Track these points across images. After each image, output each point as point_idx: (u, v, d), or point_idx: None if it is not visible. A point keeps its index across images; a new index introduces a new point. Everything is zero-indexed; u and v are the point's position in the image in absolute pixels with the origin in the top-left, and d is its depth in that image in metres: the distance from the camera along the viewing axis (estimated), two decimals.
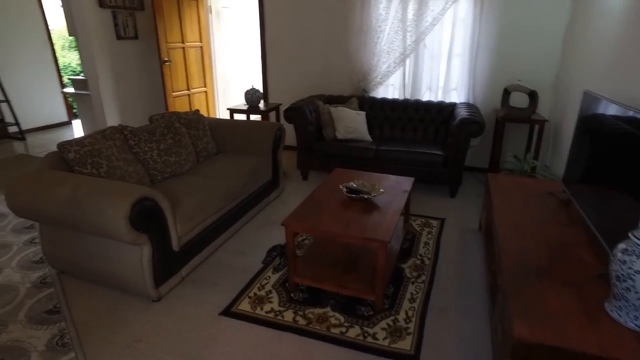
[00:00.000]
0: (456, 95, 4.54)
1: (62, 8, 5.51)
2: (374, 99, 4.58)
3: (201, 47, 5.21)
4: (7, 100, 5.82)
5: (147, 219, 2.12)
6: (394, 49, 4.45)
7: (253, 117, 4.83)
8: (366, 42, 4.48)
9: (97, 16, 4.21)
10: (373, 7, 4.37)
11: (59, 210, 2.12)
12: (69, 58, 8.81)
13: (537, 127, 3.94)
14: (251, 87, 4.39)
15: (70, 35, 5.81)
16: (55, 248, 2.45)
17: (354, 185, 2.71)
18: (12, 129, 5.99)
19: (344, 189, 2.65)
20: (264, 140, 3.56)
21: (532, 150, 4.00)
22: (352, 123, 4.23)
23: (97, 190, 2.09)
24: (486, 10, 4.02)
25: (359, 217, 2.38)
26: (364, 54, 4.53)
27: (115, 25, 4.40)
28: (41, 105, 6.52)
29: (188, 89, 5.10)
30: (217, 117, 5.76)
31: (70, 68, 8.75)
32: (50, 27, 6.54)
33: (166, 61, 4.69)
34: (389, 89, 4.78)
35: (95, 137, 2.58)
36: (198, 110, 3.59)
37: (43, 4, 6.37)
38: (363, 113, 4.36)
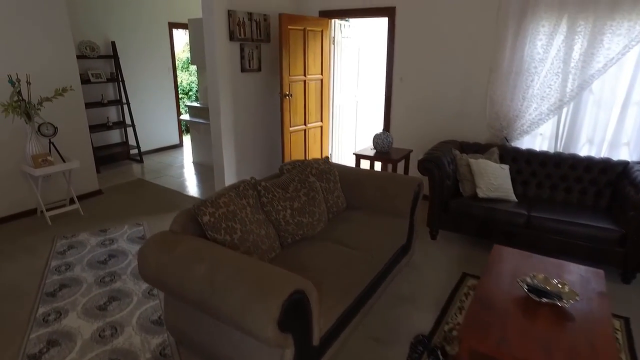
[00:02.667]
0: (627, 151, 3.70)
1: (187, 37, 5.64)
2: (518, 151, 3.91)
3: (321, 79, 4.94)
4: (132, 125, 6.06)
5: (294, 316, 1.72)
6: (550, 94, 3.76)
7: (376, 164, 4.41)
8: (516, 85, 3.85)
9: (227, 49, 4.11)
10: (529, 45, 3.74)
11: (194, 293, 1.81)
12: (180, 77, 9.29)
13: None
14: (382, 131, 3.97)
15: (192, 64, 5.94)
16: (178, 320, 2.17)
17: (535, 282, 2.11)
18: (133, 151, 6.22)
19: (524, 286, 2.07)
20: (402, 198, 3.09)
21: None
22: (496, 179, 3.61)
23: (239, 277, 1.75)
24: None
25: (556, 338, 1.78)
26: (512, 98, 3.90)
27: (242, 58, 4.28)
28: (158, 129, 6.76)
29: (305, 124, 4.84)
30: (330, 152, 5.45)
31: (180, 87, 9.20)
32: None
33: (287, 95, 4.47)
34: (537, 139, 4.07)
35: (230, 196, 2.29)
36: (328, 158, 3.23)
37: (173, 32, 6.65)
38: (507, 167, 3.72)
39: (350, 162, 5.94)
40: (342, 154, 5.78)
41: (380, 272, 2.70)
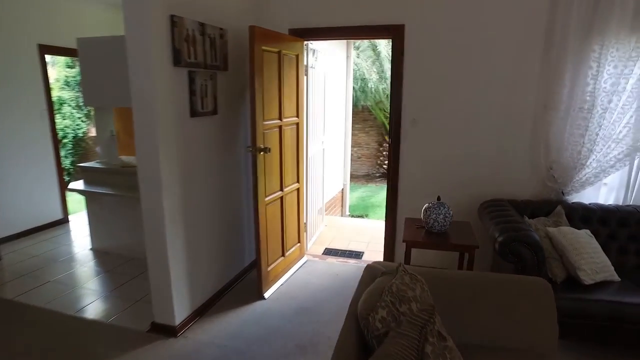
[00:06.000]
0: None
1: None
2: (588, 208, 2.99)
3: (297, 124, 3.51)
4: None
5: None
6: (627, 136, 2.92)
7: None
8: (587, 126, 2.92)
9: (170, 79, 2.47)
10: (597, 75, 2.85)
11: None
12: None
13: None
14: (437, 202, 2.64)
15: (86, 105, 4.07)
16: None
17: None
18: None
19: None
20: (534, 319, 1.79)
21: None
22: (597, 255, 2.57)
23: None
24: None
25: None
26: (582, 142, 2.96)
27: (192, 93, 2.65)
28: (28, 201, 4.49)
29: (281, 189, 3.31)
30: (305, 221, 3.94)
31: None
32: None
33: (263, 150, 2.93)
34: (601, 191, 3.21)
35: None
36: (402, 265, 1.80)
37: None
38: (589, 232, 2.74)
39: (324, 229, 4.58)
40: (313, 220, 4.33)
41: None
